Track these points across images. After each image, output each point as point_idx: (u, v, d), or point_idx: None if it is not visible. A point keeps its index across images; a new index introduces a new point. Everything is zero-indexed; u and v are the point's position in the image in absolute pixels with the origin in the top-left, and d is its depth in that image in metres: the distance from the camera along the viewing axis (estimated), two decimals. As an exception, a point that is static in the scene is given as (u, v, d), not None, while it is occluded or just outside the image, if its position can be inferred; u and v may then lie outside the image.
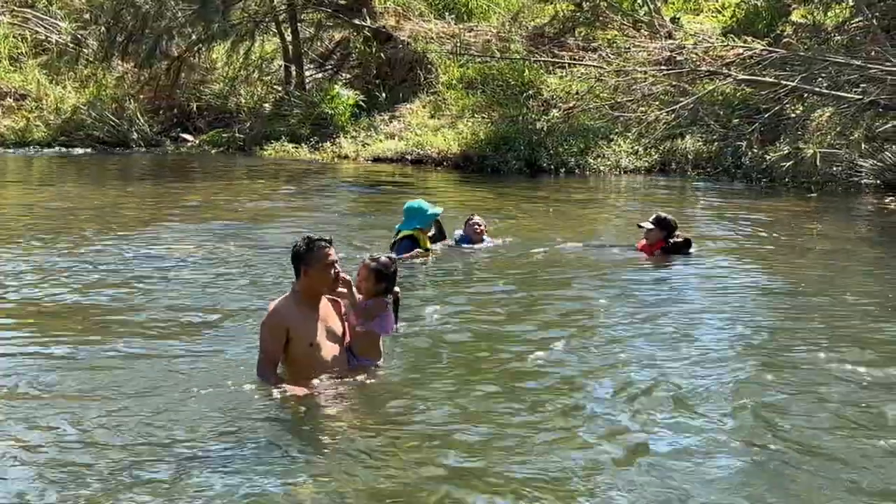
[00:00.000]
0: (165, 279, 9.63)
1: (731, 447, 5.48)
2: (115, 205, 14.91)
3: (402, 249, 10.32)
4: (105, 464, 5.21)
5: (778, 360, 7.05)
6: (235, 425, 5.70)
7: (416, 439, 5.57)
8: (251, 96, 24.22)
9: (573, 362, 6.97)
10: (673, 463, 5.24)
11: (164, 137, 23.47)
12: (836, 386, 6.50)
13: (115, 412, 5.90)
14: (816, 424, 5.81)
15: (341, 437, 5.62)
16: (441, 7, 25.57)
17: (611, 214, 14.97)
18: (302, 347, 6.10)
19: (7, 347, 7.24)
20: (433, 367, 6.88)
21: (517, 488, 4.94)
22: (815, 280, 10.01)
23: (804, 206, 15.30)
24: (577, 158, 19.21)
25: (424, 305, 8.56)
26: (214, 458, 5.29)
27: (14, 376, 6.55)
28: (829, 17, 21.95)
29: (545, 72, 21.64)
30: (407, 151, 20.68)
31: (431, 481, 5.03)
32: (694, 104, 19.02)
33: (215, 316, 8.20)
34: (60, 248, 11.05)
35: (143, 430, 5.62)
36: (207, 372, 6.63)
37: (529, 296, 9.14)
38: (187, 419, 5.78)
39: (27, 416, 5.85)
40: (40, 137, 22.90)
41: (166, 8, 23.09)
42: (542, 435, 5.63)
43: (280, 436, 5.63)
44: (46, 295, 8.92)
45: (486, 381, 6.53)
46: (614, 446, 5.43)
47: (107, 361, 6.90)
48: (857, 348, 7.30)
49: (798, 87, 18.04)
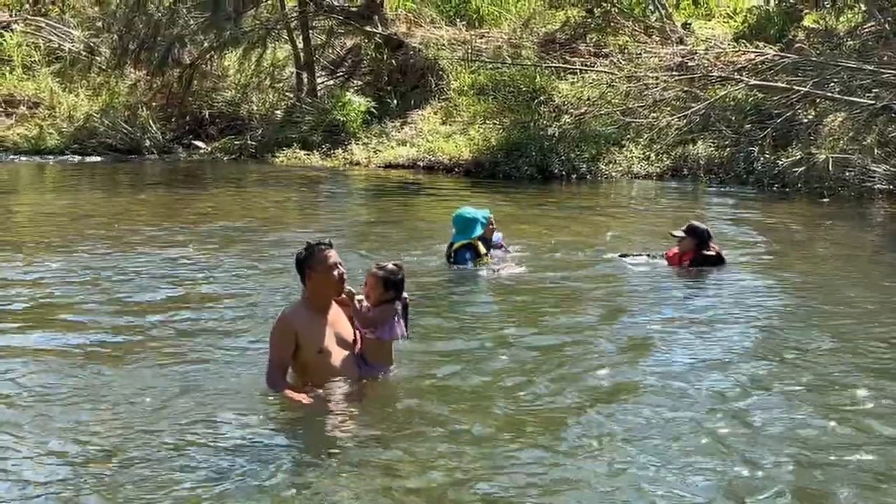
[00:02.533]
0: (175, 285, 9.65)
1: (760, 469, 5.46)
2: (127, 211, 14.95)
3: (463, 259, 10.25)
4: (112, 467, 5.23)
5: (800, 370, 7.00)
6: (242, 431, 5.70)
7: (426, 448, 5.55)
8: (263, 103, 24.26)
9: (593, 374, 6.89)
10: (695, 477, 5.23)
11: (177, 145, 23.54)
12: (860, 395, 6.46)
13: (125, 417, 5.92)
14: (845, 439, 5.76)
15: (348, 444, 5.61)
16: (452, 13, 25.60)
17: (625, 220, 14.93)
18: (311, 353, 6.10)
19: (20, 351, 7.28)
20: (445, 374, 6.84)
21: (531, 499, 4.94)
22: (827, 286, 9.94)
23: (817, 212, 15.25)
24: (588, 164, 19.21)
25: (443, 312, 8.56)
26: (219, 464, 5.29)
27: (24, 380, 6.58)
28: (842, 21, 21.90)
29: (556, 78, 21.64)
30: (418, 158, 20.70)
31: (440, 489, 5.02)
32: (706, 109, 18.98)
33: (227, 322, 8.21)
34: (73, 253, 11.09)
35: (151, 437, 5.63)
36: (218, 378, 6.64)
37: (547, 306, 9.06)
38: (196, 425, 5.79)
39: (36, 422, 5.88)
40: (53, 145, 22.99)
41: (178, 16, 23.19)
42: (557, 444, 5.62)
43: (285, 443, 5.63)
44: (59, 300, 8.96)
45: (501, 393, 6.48)
46: (635, 473, 5.29)
47: (117, 367, 6.92)
48: (880, 355, 7.27)
49: (810, 91, 17.99)
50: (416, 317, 6.92)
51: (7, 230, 13.10)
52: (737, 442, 5.60)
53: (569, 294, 9.53)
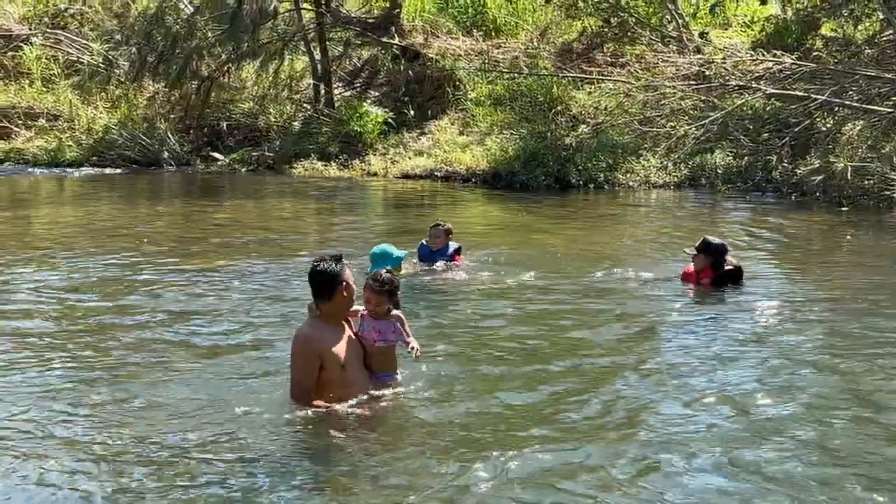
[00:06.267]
0: (192, 296, 9.68)
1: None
2: (145, 223, 14.99)
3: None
4: (128, 480, 5.26)
5: (823, 380, 6.98)
6: (270, 448, 5.72)
7: (447, 454, 5.57)
8: (280, 115, 24.30)
9: (605, 387, 6.90)
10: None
11: (195, 156, 23.59)
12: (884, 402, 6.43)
13: (143, 429, 5.94)
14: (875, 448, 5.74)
15: (372, 456, 5.63)
16: (469, 24, 25.61)
17: (643, 230, 14.90)
18: (335, 371, 6.08)
19: (38, 362, 7.31)
20: (452, 381, 6.86)
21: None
22: (849, 296, 9.88)
23: (836, 220, 15.17)
24: (605, 174, 19.18)
25: (457, 321, 8.56)
26: (254, 478, 5.32)
27: (43, 391, 6.61)
28: (860, 30, 21.80)
29: (573, 88, 21.62)
30: (436, 168, 20.71)
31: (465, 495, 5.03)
32: (723, 119, 18.92)
33: (246, 334, 8.24)
34: (91, 264, 11.15)
35: (175, 450, 5.65)
36: (239, 391, 6.65)
37: (553, 320, 9.01)
38: (218, 437, 5.82)
39: (56, 433, 5.90)
40: (72, 158, 23.08)
41: (196, 28, 23.25)
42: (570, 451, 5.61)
43: (312, 458, 5.65)
44: (77, 311, 9.00)
45: (522, 406, 6.48)
46: (653, 484, 5.30)
47: (135, 378, 6.94)
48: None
49: (828, 100, 17.93)
50: (429, 325, 6.90)
51: (28, 242, 13.16)
52: (763, 461, 5.58)
53: (589, 313, 9.36)
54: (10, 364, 7.32)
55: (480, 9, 25.85)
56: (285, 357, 6.45)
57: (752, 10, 25.59)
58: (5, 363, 7.33)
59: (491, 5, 25.85)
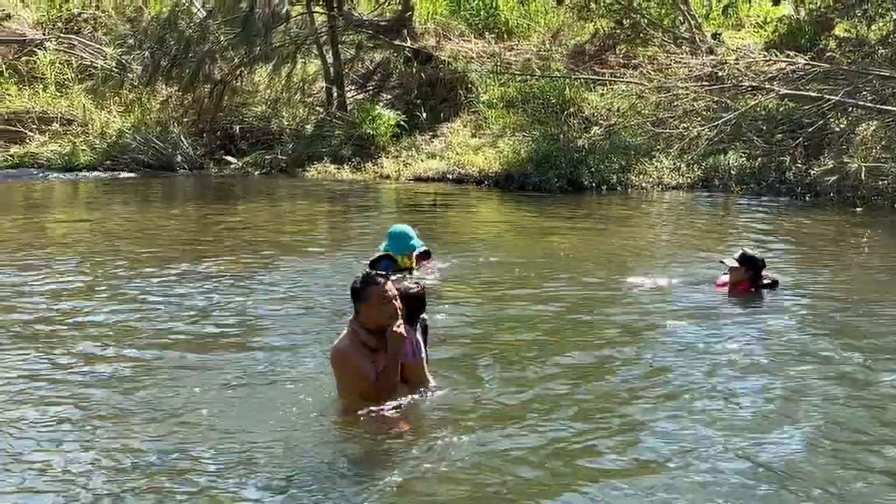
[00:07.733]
0: (210, 299, 9.70)
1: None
2: (158, 227, 15.03)
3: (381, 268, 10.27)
4: (151, 484, 5.27)
5: (844, 384, 6.96)
6: (290, 453, 5.79)
7: (479, 465, 5.61)
8: (293, 118, 24.32)
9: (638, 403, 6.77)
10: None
11: (208, 160, 23.63)
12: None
13: (166, 436, 5.97)
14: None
15: (411, 466, 5.67)
16: (481, 27, 25.61)
17: (657, 231, 14.87)
18: (370, 382, 6.13)
19: (54, 365, 7.34)
20: (493, 392, 6.85)
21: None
22: (863, 297, 9.84)
23: (850, 221, 15.12)
24: (618, 175, 19.13)
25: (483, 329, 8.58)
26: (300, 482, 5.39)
27: (60, 397, 6.63)
28: (873, 30, 21.71)
29: (586, 89, 21.59)
30: (448, 170, 20.70)
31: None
32: (736, 119, 18.86)
33: (265, 337, 8.27)
34: (106, 268, 11.20)
35: (195, 454, 5.67)
36: (264, 393, 6.69)
37: (560, 323, 9.03)
38: (265, 446, 5.87)
39: (77, 437, 5.92)
40: (86, 161, 23.14)
41: (209, 32, 23.29)
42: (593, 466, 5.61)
43: (352, 466, 5.71)
44: (92, 314, 9.03)
45: (548, 417, 6.46)
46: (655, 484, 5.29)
47: (155, 382, 6.96)
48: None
49: (842, 100, 17.86)
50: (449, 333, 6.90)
51: (42, 246, 13.19)
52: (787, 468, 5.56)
53: (617, 324, 9.06)
54: (27, 366, 7.34)
55: (493, 11, 25.85)
56: (302, 361, 6.48)
57: (765, 11, 25.50)
58: (22, 366, 7.36)
59: (503, 7, 25.86)
